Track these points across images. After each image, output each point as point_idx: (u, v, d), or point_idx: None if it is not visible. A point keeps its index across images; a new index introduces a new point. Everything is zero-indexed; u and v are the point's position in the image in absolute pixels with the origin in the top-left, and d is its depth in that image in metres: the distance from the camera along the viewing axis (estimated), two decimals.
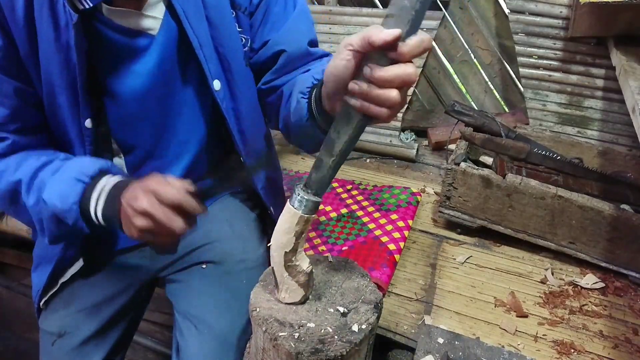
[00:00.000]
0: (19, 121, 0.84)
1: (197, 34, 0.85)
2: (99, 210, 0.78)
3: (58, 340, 0.99)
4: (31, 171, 0.82)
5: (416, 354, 1.04)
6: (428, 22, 1.74)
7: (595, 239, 1.24)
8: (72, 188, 0.78)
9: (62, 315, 1.00)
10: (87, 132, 0.86)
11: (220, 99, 0.91)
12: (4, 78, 0.80)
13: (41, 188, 0.80)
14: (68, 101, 0.83)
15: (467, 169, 1.32)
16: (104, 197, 0.78)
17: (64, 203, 0.78)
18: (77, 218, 0.79)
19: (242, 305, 0.95)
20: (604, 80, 1.58)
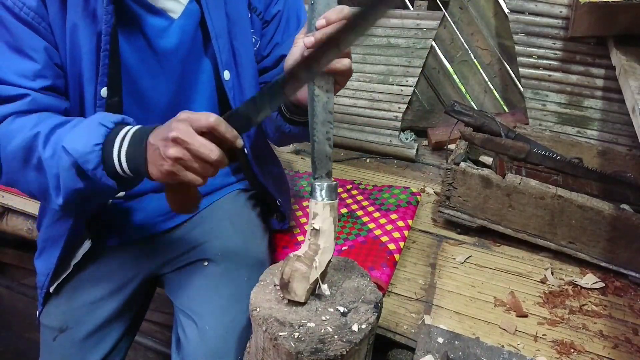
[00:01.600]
0: (45, 77, 0.85)
1: (215, 25, 0.92)
2: (123, 153, 0.76)
3: (60, 336, 0.99)
4: (50, 126, 0.80)
5: (416, 354, 1.04)
6: (428, 22, 1.74)
7: (595, 238, 1.24)
8: (95, 131, 0.76)
9: (64, 310, 1.00)
10: (101, 101, 0.88)
11: (228, 88, 0.98)
12: (34, 35, 0.83)
13: (60, 139, 0.78)
14: (88, 68, 0.86)
15: (467, 168, 1.32)
16: (129, 138, 0.76)
17: (86, 145, 0.75)
18: (99, 163, 0.76)
19: (244, 303, 0.95)
20: (604, 80, 1.58)
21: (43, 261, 1.02)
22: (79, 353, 0.99)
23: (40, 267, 1.03)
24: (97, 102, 0.88)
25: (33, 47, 0.83)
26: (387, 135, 1.86)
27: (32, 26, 0.82)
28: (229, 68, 0.96)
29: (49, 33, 0.84)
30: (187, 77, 0.98)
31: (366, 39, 1.80)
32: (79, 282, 1.02)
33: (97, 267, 1.03)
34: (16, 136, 0.80)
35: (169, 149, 0.70)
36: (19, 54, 0.83)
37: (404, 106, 1.82)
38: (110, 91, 0.88)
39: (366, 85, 1.85)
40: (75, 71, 0.87)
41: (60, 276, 1.01)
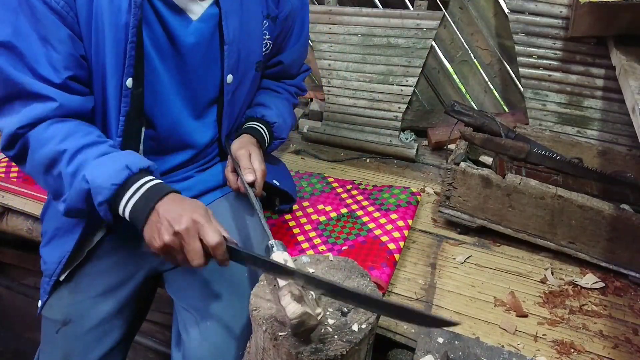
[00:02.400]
0: (70, 69, 0.87)
1: (230, 32, 0.97)
2: (130, 204, 0.82)
3: (62, 328, 1.00)
4: (78, 145, 0.85)
5: (416, 354, 1.04)
6: (428, 22, 1.74)
7: (595, 238, 1.24)
8: (119, 172, 0.82)
9: (68, 303, 1.01)
10: (126, 91, 0.91)
11: (227, 90, 1.04)
12: (61, 25, 0.84)
13: (83, 164, 0.83)
14: (112, 60, 0.89)
15: (467, 168, 1.32)
16: (142, 192, 0.82)
17: (104, 181, 0.81)
18: (107, 201, 0.81)
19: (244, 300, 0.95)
20: (604, 80, 1.58)
21: (53, 249, 1.02)
22: (82, 347, 0.99)
23: (49, 255, 1.03)
24: (123, 92, 0.90)
25: (59, 38, 0.84)
26: (387, 135, 1.86)
27: (61, 15, 0.84)
28: (232, 72, 1.02)
29: (75, 23, 0.86)
30: (199, 76, 1.02)
31: (366, 38, 1.80)
32: (82, 276, 1.02)
33: (100, 262, 1.03)
34: (46, 145, 0.85)
35: (167, 235, 0.78)
36: (44, 44, 0.84)
37: (404, 106, 1.82)
38: (135, 82, 0.91)
39: (366, 85, 1.85)
40: (99, 62, 0.89)
41: (73, 264, 1.01)
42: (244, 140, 1.06)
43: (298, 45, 1.21)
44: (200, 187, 1.11)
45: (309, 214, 1.44)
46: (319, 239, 1.34)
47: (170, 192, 0.83)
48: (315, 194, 1.55)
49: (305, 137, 1.98)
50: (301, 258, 0.89)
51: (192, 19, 0.95)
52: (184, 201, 0.82)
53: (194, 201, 0.83)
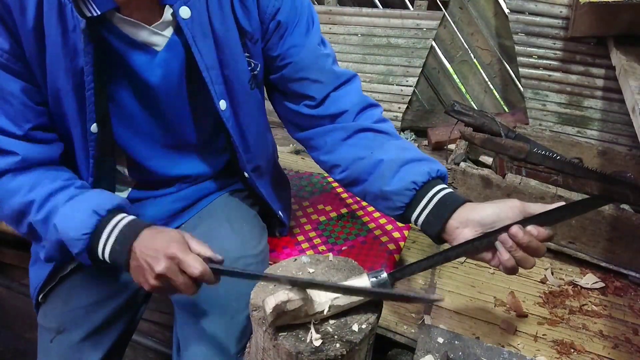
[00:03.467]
0: (29, 120, 0.84)
1: (204, 57, 0.88)
2: (107, 249, 0.80)
3: (57, 337, 0.99)
4: (45, 193, 0.83)
5: (416, 354, 1.04)
6: (428, 22, 1.74)
7: (595, 238, 1.24)
8: (87, 219, 0.80)
9: (61, 312, 1.00)
10: (92, 136, 0.87)
11: (225, 118, 0.94)
12: (10, 77, 0.81)
13: (53, 211, 0.82)
14: (73, 106, 0.85)
15: (467, 168, 1.32)
16: (115, 235, 0.80)
17: (76, 232, 0.79)
18: (83, 250, 0.80)
19: (243, 302, 0.95)
20: (604, 80, 1.58)
21: (35, 271, 1.03)
22: (76, 355, 0.99)
23: (32, 277, 1.04)
24: (89, 137, 0.87)
25: (10, 91, 0.82)
26: None
27: (7, 68, 0.81)
28: (224, 98, 0.93)
29: (27, 73, 0.82)
30: (180, 108, 0.95)
31: (366, 38, 1.80)
32: (76, 284, 1.01)
33: (94, 270, 1.02)
34: (13, 197, 0.83)
35: (152, 280, 0.77)
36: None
37: (404, 106, 1.82)
38: (100, 126, 0.88)
39: (366, 85, 1.85)
40: (58, 109, 0.86)
41: (47, 287, 1.01)
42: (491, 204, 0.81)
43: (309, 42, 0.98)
44: (194, 197, 1.10)
45: (309, 214, 1.44)
46: (319, 239, 1.34)
47: (142, 229, 0.80)
48: (315, 194, 1.55)
49: None
50: (301, 258, 0.89)
51: (157, 50, 0.87)
52: (158, 236, 0.79)
53: (167, 233, 0.80)
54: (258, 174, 1.08)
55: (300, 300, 0.71)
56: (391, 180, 0.87)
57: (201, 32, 0.86)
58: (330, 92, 0.98)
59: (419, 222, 0.86)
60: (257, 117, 1.04)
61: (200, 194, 1.11)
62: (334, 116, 0.98)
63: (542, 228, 0.74)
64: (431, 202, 0.83)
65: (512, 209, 0.77)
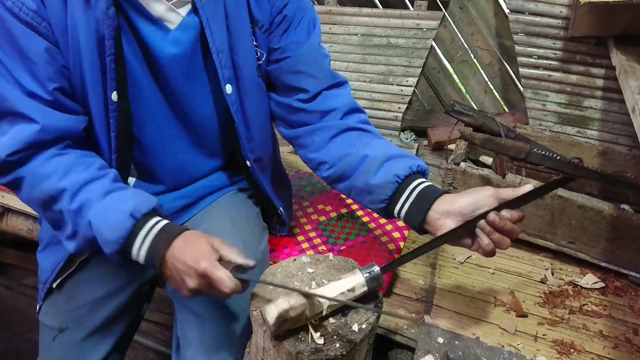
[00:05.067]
0: (52, 80, 0.84)
1: (216, 40, 0.91)
2: (142, 254, 0.81)
3: (59, 335, 0.99)
4: (79, 183, 0.83)
5: (416, 354, 1.04)
6: (428, 22, 1.74)
7: (595, 238, 1.24)
8: (124, 222, 0.80)
9: (64, 311, 1.00)
10: (112, 105, 0.88)
11: (230, 102, 0.96)
12: (36, 36, 0.81)
13: (87, 204, 0.82)
14: (92, 72, 0.86)
15: (467, 168, 1.32)
16: (150, 240, 0.81)
17: (111, 234, 0.80)
18: (117, 251, 0.81)
19: (243, 301, 0.95)
20: (604, 80, 1.58)
21: (48, 256, 1.02)
22: (79, 353, 0.99)
23: (44, 262, 1.03)
24: (110, 107, 0.88)
25: (34, 50, 0.82)
26: (387, 135, 1.86)
27: (32, 26, 0.81)
28: (231, 82, 0.95)
29: (50, 34, 0.83)
30: (187, 87, 0.97)
31: (366, 38, 1.80)
32: (78, 282, 1.02)
33: (96, 268, 1.03)
34: (45, 181, 0.83)
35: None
36: (21, 57, 0.81)
37: (404, 106, 1.82)
38: (120, 95, 0.88)
39: (366, 85, 1.85)
40: (78, 76, 0.86)
41: (65, 272, 1.01)
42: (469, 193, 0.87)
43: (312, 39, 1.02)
44: (196, 194, 1.10)
45: (309, 214, 1.44)
46: (319, 239, 1.34)
47: (175, 236, 0.81)
48: (315, 194, 1.55)
49: None
50: (301, 258, 0.89)
51: (170, 28, 0.90)
52: (189, 248, 0.79)
53: (198, 244, 0.79)
54: (260, 167, 1.09)
55: (302, 305, 0.71)
56: (375, 174, 0.91)
57: (215, 15, 0.90)
58: (324, 89, 1.01)
59: (401, 214, 0.90)
60: (262, 106, 1.06)
61: (203, 192, 1.11)
62: (324, 113, 1.01)
63: (514, 211, 0.83)
64: (412, 194, 0.88)
65: (488, 197, 0.83)
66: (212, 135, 1.05)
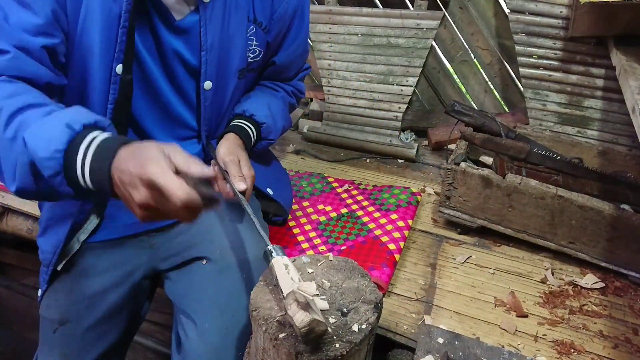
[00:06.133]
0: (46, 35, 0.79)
1: (208, 38, 0.96)
2: (87, 168, 0.68)
3: (60, 328, 0.99)
4: (19, 104, 0.72)
5: (416, 354, 1.04)
6: (428, 22, 1.73)
7: (595, 238, 1.24)
8: (59, 133, 0.67)
9: (64, 303, 1.00)
10: (116, 78, 0.89)
11: (204, 97, 1.02)
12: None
13: (24, 124, 0.70)
14: (101, 44, 0.86)
15: (467, 168, 1.32)
16: (93, 150, 0.68)
17: (46, 149, 0.67)
18: (58, 171, 0.68)
19: (243, 300, 0.95)
20: (604, 80, 1.58)
21: (49, 238, 1.01)
22: (79, 347, 0.99)
23: (45, 245, 1.01)
24: (112, 78, 0.89)
25: (40, 3, 0.78)
26: (387, 135, 1.86)
27: None
28: (211, 79, 1.00)
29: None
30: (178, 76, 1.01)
31: (366, 38, 1.80)
32: (78, 275, 1.02)
33: (96, 261, 1.02)
34: None
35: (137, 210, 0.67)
36: (24, 6, 0.77)
37: (404, 106, 1.82)
38: (125, 69, 0.90)
39: (366, 85, 1.85)
40: (84, 43, 0.86)
41: (69, 254, 1.00)
42: (230, 144, 1.00)
43: (294, 47, 1.15)
44: None
45: (309, 214, 1.44)
46: (319, 239, 1.34)
47: (119, 146, 0.68)
48: (315, 194, 1.55)
49: (305, 137, 1.98)
50: (301, 258, 0.89)
51: (176, 18, 0.94)
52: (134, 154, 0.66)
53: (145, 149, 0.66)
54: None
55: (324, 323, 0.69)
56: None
57: (214, 15, 0.95)
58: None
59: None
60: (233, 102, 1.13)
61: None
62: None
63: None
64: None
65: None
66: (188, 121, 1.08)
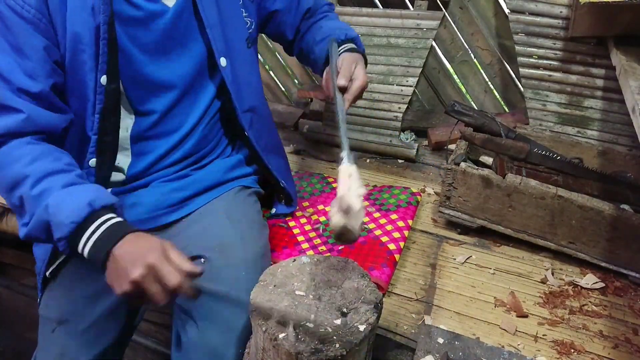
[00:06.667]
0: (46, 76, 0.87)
1: (207, 15, 1.00)
2: (89, 245, 0.79)
3: (58, 328, 0.99)
4: (44, 171, 0.83)
5: (416, 354, 1.04)
6: (428, 22, 1.74)
7: (595, 239, 1.24)
8: (81, 209, 0.79)
9: (63, 303, 1.01)
10: (100, 88, 0.92)
11: (225, 74, 1.05)
12: (35, 34, 0.85)
13: (47, 192, 0.81)
14: (89, 59, 0.90)
15: (467, 169, 1.32)
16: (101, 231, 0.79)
17: (65, 217, 0.78)
18: (65, 237, 0.79)
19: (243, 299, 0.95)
20: (604, 80, 1.58)
21: (40, 247, 1.04)
22: (77, 346, 0.99)
23: (37, 253, 1.05)
24: (97, 89, 0.91)
25: (32, 46, 0.85)
26: (387, 135, 1.85)
27: (33, 23, 0.84)
28: (224, 55, 1.04)
29: (50, 30, 0.86)
30: (184, 61, 1.03)
31: (366, 38, 1.80)
32: (77, 274, 1.02)
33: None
34: (12, 164, 0.84)
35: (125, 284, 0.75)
36: (18, 53, 0.84)
37: (404, 106, 1.82)
38: (109, 78, 0.92)
39: None
40: (75, 64, 0.90)
41: (55, 262, 1.02)
42: (354, 55, 1.06)
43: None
44: (195, 187, 1.11)
45: (309, 214, 1.44)
46: (319, 239, 1.34)
47: (128, 232, 0.79)
48: (315, 194, 1.55)
49: (305, 137, 1.98)
50: (301, 258, 0.89)
51: (169, 5, 0.97)
52: (140, 242, 0.79)
53: (150, 240, 0.79)
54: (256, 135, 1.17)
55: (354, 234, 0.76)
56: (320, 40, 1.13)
57: None
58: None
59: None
60: (252, 75, 1.17)
61: (201, 186, 1.11)
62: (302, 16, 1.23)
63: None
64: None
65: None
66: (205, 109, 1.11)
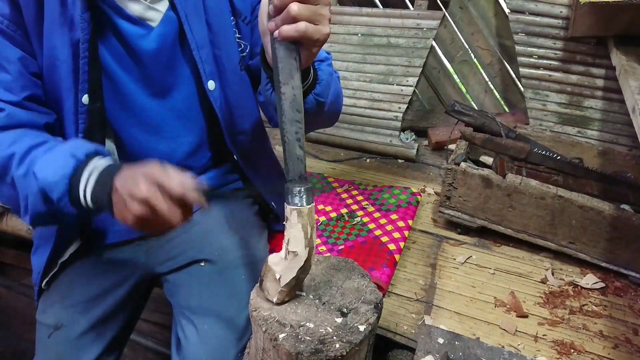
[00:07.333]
0: (23, 89, 0.85)
1: (195, 36, 0.90)
2: (89, 189, 0.76)
3: (54, 333, 1.00)
4: (26, 147, 0.81)
5: (416, 354, 1.04)
6: (428, 22, 1.74)
7: (595, 239, 1.24)
8: (65, 162, 0.77)
9: (59, 308, 1.01)
10: (82, 108, 0.88)
11: (214, 98, 0.96)
12: (9, 45, 0.83)
13: (33, 162, 0.79)
14: (67, 76, 0.86)
15: (467, 169, 1.31)
16: (95, 175, 0.76)
17: (54, 175, 0.76)
18: (64, 194, 0.77)
19: (242, 301, 0.95)
20: (604, 80, 1.58)
21: (37, 258, 1.04)
22: (74, 351, 0.99)
23: (34, 264, 1.05)
24: (79, 109, 0.87)
25: (7, 58, 0.82)
26: (387, 135, 1.85)
27: (6, 35, 0.82)
28: (213, 78, 0.95)
29: (25, 41, 0.83)
30: (169, 84, 0.97)
31: (366, 38, 1.80)
32: (73, 280, 1.02)
33: (92, 265, 1.03)
34: None
35: (135, 206, 0.71)
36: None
37: (404, 106, 1.82)
38: (92, 98, 0.88)
39: (366, 85, 1.85)
40: (52, 79, 0.87)
41: (48, 274, 1.02)
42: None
43: None
44: None
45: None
46: (319, 239, 1.34)
47: (122, 167, 0.77)
48: (315, 194, 1.55)
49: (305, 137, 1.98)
50: None
51: (153, 26, 0.90)
52: (137, 167, 0.75)
53: (146, 163, 0.75)
54: (248, 160, 1.07)
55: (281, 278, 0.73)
56: None
57: (194, 9, 0.90)
58: None
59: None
60: (246, 100, 1.05)
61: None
62: None
63: None
64: None
65: None
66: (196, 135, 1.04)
